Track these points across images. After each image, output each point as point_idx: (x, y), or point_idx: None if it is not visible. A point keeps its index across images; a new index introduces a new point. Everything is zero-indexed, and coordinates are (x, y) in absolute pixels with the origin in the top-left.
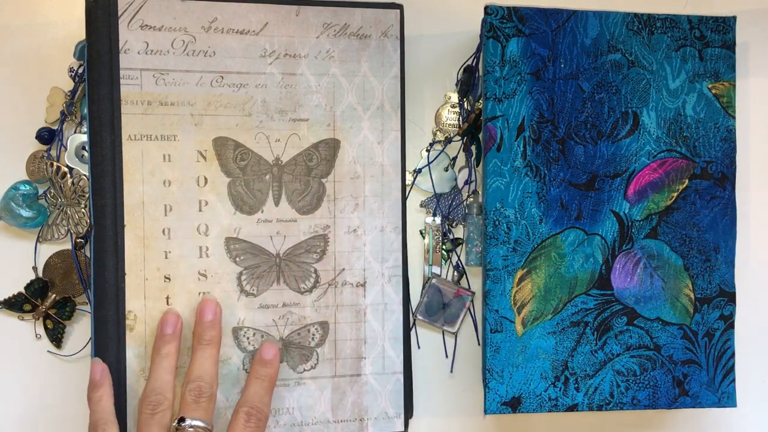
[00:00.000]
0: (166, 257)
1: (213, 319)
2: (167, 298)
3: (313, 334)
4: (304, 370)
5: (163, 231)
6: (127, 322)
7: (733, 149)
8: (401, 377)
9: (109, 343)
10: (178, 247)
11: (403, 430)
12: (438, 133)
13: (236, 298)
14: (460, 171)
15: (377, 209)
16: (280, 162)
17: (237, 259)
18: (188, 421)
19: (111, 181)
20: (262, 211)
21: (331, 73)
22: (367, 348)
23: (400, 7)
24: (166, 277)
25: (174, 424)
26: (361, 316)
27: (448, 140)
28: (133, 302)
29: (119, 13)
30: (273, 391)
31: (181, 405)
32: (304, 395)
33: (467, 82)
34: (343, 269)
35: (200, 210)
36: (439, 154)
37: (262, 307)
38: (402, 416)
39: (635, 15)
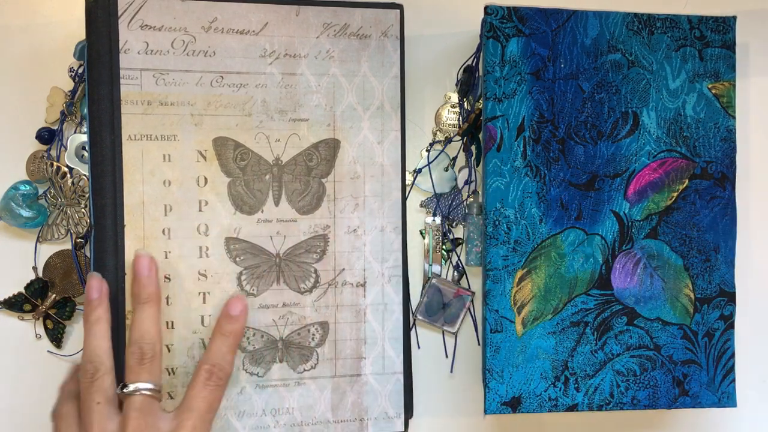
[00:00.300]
0: (166, 257)
1: (149, 275)
2: (167, 298)
3: (313, 334)
4: (304, 370)
5: (163, 231)
6: (128, 322)
7: (733, 149)
8: (401, 377)
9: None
10: (178, 247)
11: (403, 430)
12: (438, 133)
13: None
14: (460, 171)
15: (377, 209)
16: (280, 162)
17: (237, 259)
18: (132, 386)
19: (111, 181)
20: (262, 211)
21: (331, 73)
22: (367, 348)
23: (400, 7)
24: (166, 277)
25: (117, 390)
26: (361, 316)
27: (448, 140)
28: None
29: (119, 13)
30: (237, 348)
31: (125, 371)
32: (304, 395)
33: (467, 82)
34: (343, 269)
35: (200, 210)
36: (439, 154)
37: (262, 307)
38: (402, 416)
39: (635, 15)
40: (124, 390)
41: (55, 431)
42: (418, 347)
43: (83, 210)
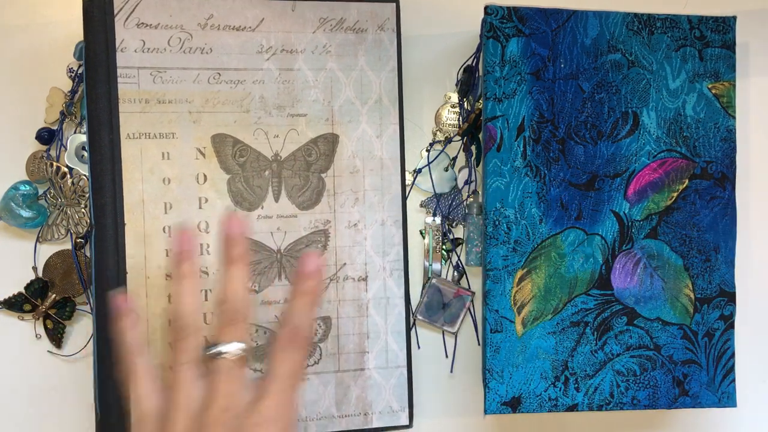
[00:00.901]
0: (167, 255)
1: (240, 233)
2: (169, 296)
3: (316, 330)
4: (308, 365)
5: (164, 229)
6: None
7: (733, 149)
8: (405, 371)
9: (111, 344)
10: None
11: (407, 423)
12: (438, 133)
13: None
14: (460, 171)
15: (377, 203)
16: (279, 158)
17: None
18: (221, 347)
19: (110, 180)
20: (262, 207)
21: (328, 67)
22: (370, 342)
23: (396, 0)
24: (167, 276)
25: (203, 351)
26: (364, 310)
27: (448, 140)
28: (134, 301)
29: (115, 11)
30: (317, 307)
31: (213, 332)
32: (308, 390)
33: (467, 82)
34: (345, 264)
35: (200, 207)
36: (439, 154)
37: (264, 303)
38: (406, 410)
39: (635, 15)
40: (210, 351)
41: (129, 388)
42: (418, 347)
43: (83, 210)
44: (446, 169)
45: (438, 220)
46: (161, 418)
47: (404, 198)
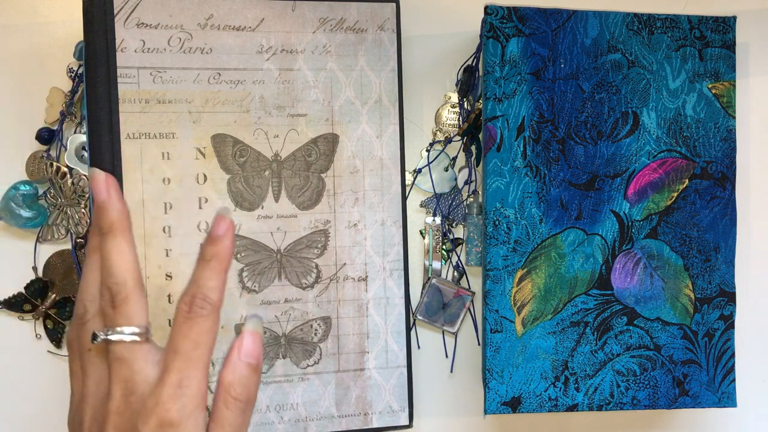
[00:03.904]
0: (167, 255)
1: (108, 197)
2: (169, 296)
3: (316, 330)
4: (308, 365)
5: (164, 229)
6: None
7: (733, 149)
8: (405, 371)
9: None
10: (179, 245)
11: (407, 423)
12: (438, 133)
13: (238, 295)
14: (460, 171)
15: (377, 203)
16: (279, 158)
17: (238, 255)
18: (106, 333)
19: None
20: (262, 207)
21: (328, 67)
22: (370, 342)
23: (396, 0)
24: (167, 275)
25: (90, 340)
26: (364, 310)
27: (448, 140)
28: None
29: (115, 11)
30: (224, 274)
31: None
32: (308, 391)
33: (467, 82)
34: (345, 264)
35: (200, 207)
36: (439, 154)
37: (264, 303)
38: (406, 410)
39: (635, 15)
40: (95, 340)
41: (69, 360)
42: (418, 347)
43: (83, 210)
44: (446, 169)
45: (438, 220)
46: (77, 404)
47: (404, 198)
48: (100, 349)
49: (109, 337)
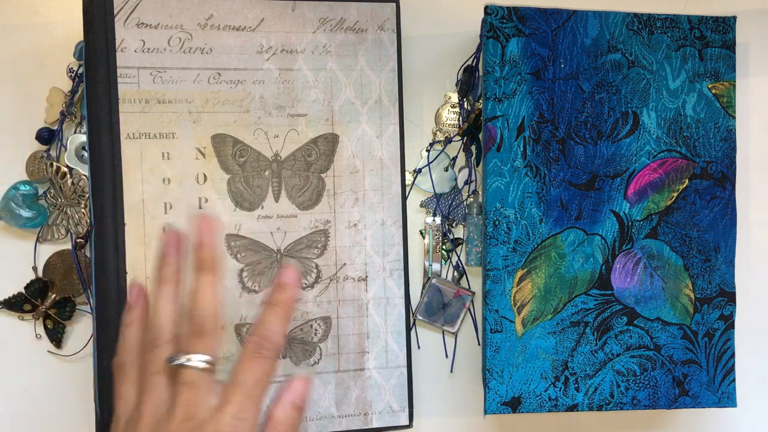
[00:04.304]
0: None
1: (210, 239)
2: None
3: (316, 330)
4: (308, 365)
5: (164, 229)
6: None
7: (733, 149)
8: (405, 371)
9: (111, 343)
10: None
11: (407, 423)
12: (438, 133)
13: (238, 295)
14: (460, 171)
15: (377, 203)
16: (279, 158)
17: (238, 255)
18: (184, 358)
19: (110, 180)
20: (262, 207)
21: (328, 67)
22: (370, 342)
23: (395, 0)
24: None
25: (164, 362)
26: (364, 310)
27: (448, 140)
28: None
29: (115, 11)
30: (288, 319)
31: (181, 340)
32: None
33: (467, 82)
34: (345, 264)
35: (200, 207)
36: (439, 154)
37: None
38: (406, 410)
39: (635, 15)
40: (173, 363)
41: (115, 383)
42: (418, 347)
43: (83, 210)
44: (446, 169)
45: (438, 220)
46: (130, 422)
47: (404, 198)
48: (167, 373)
49: (186, 363)
